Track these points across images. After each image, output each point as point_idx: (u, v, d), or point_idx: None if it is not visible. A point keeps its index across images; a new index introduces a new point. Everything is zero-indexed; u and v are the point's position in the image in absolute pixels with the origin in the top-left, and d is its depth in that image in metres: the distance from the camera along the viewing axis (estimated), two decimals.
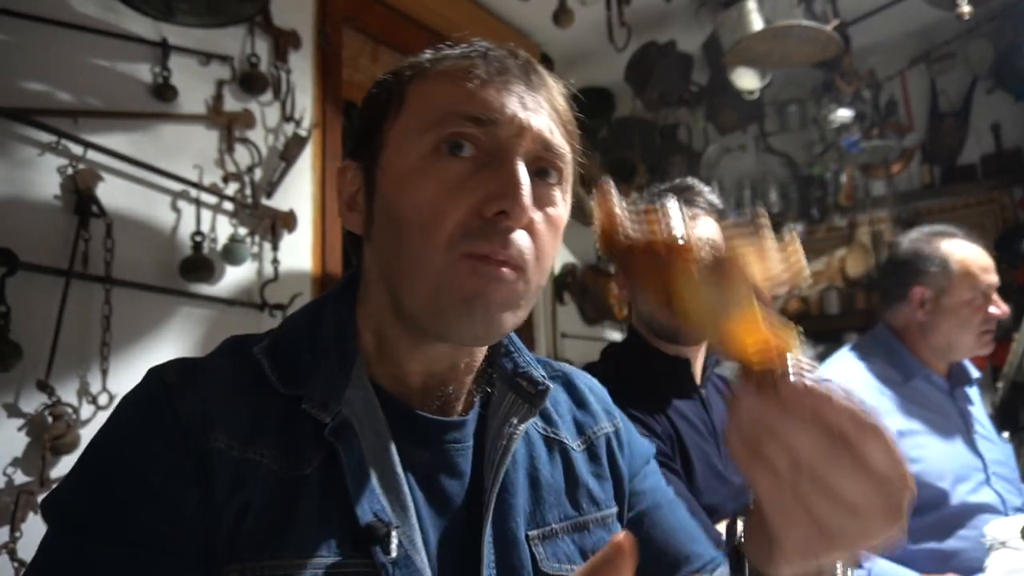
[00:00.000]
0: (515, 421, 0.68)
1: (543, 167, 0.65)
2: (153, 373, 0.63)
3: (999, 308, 1.66)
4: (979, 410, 1.76)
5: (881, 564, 1.56)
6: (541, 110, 0.65)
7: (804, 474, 0.42)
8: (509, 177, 0.60)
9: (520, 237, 0.61)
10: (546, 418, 0.75)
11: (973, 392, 1.79)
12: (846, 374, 1.74)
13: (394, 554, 0.57)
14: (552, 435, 0.75)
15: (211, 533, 0.56)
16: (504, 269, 0.60)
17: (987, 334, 1.67)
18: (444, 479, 0.66)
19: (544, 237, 0.64)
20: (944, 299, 1.70)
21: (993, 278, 1.68)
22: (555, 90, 0.69)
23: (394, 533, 0.58)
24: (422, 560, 0.60)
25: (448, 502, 0.65)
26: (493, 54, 0.66)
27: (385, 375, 0.68)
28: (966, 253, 1.71)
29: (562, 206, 0.67)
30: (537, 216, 0.63)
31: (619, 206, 0.51)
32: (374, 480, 0.61)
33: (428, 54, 0.69)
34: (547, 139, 0.64)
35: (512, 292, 0.62)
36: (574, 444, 0.76)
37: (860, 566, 0.51)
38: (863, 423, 0.42)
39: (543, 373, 0.74)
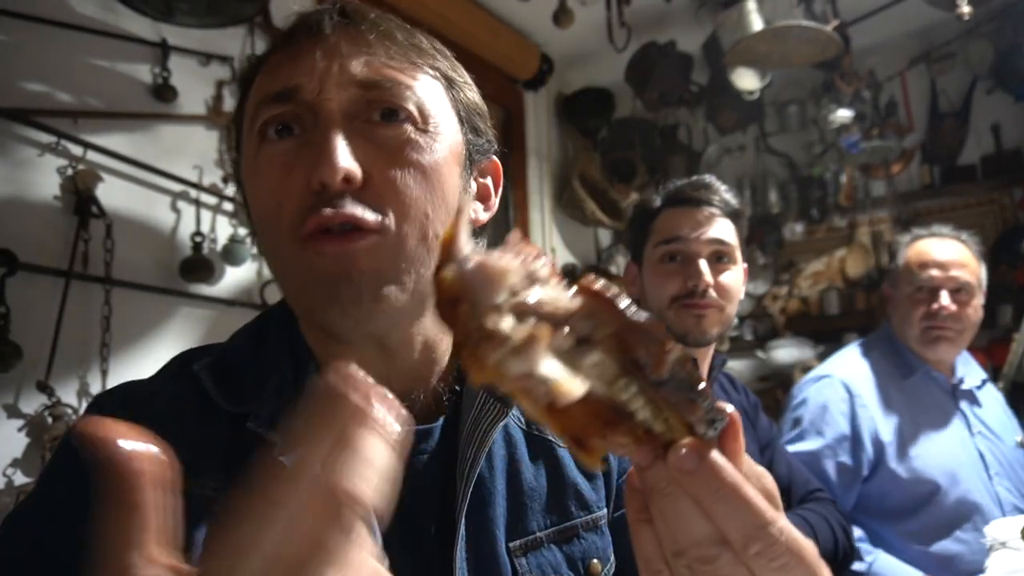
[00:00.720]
0: (485, 425, 0.62)
1: (384, 108, 0.58)
2: (95, 399, 0.61)
3: (938, 303, 1.64)
4: (990, 411, 1.74)
5: (883, 559, 1.56)
6: (357, 52, 0.58)
7: (683, 560, 0.36)
8: (319, 140, 0.55)
9: (358, 197, 0.55)
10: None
11: (985, 393, 1.77)
12: (848, 368, 1.75)
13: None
14: (536, 432, 0.69)
15: None
16: (354, 236, 0.54)
17: (931, 331, 1.66)
18: (410, 493, 0.60)
19: (398, 183, 0.56)
20: (894, 294, 1.76)
21: (934, 273, 1.66)
22: (386, 22, 0.62)
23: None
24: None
25: (415, 518, 0.60)
26: (305, 19, 0.61)
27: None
28: (916, 249, 1.73)
29: (426, 143, 0.59)
30: (379, 160, 0.56)
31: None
32: None
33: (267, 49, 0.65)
34: (369, 78, 0.57)
35: (377, 259, 0.55)
36: (561, 442, 0.68)
37: None
38: (756, 537, 0.35)
39: None
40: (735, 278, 1.29)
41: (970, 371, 1.80)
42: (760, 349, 3.55)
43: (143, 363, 1.66)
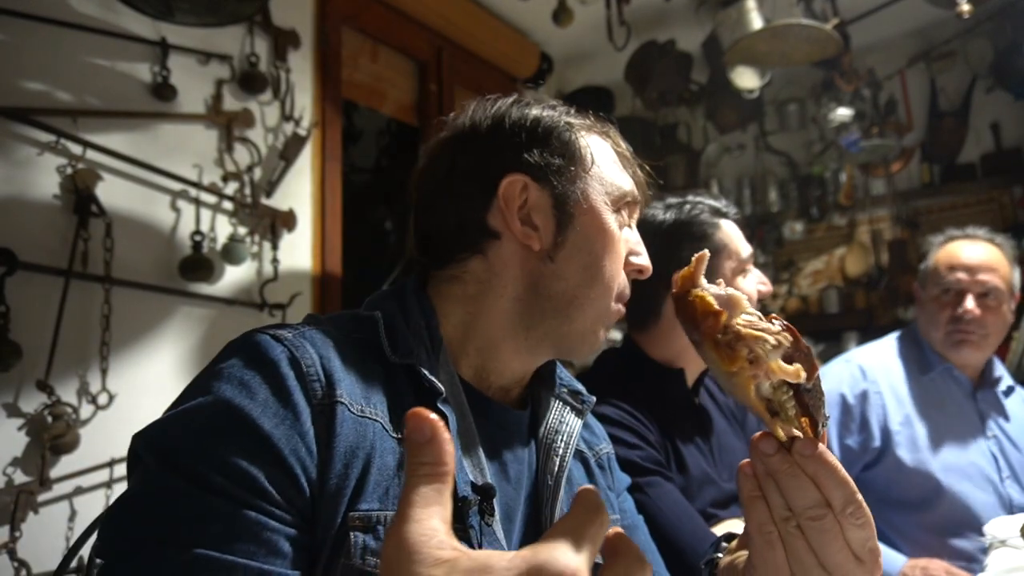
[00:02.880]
0: (567, 427, 0.79)
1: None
2: (257, 331, 0.64)
3: (962, 308, 1.63)
4: (1015, 417, 1.71)
5: None
6: None
7: (793, 522, 0.52)
8: (639, 242, 0.82)
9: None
10: None
11: (1014, 401, 1.74)
12: (870, 355, 1.78)
13: (483, 518, 0.64)
14: (579, 448, 0.83)
15: (327, 488, 0.58)
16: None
17: (955, 334, 1.65)
18: (509, 459, 0.74)
19: None
20: (922, 294, 1.75)
21: (961, 276, 1.64)
22: None
23: (494, 503, 0.66)
24: (501, 531, 0.67)
25: (510, 479, 0.73)
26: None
27: (466, 367, 0.75)
28: (947, 250, 1.71)
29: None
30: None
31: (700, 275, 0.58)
32: (459, 453, 0.67)
33: (596, 118, 0.88)
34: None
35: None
36: (590, 454, 0.86)
37: None
38: (850, 501, 0.52)
39: (581, 387, 0.85)
40: (749, 284, 1.39)
41: (1004, 376, 1.78)
42: None
43: (143, 362, 1.66)
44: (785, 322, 0.54)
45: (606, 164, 0.80)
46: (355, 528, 0.58)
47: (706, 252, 0.57)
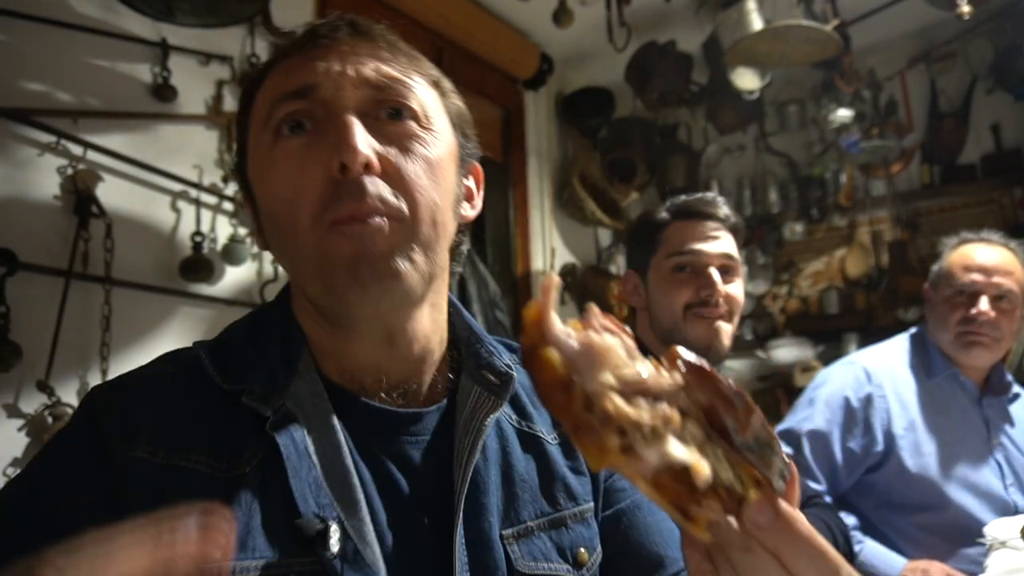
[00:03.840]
0: (481, 416, 0.66)
1: (392, 107, 0.63)
2: (92, 389, 0.64)
3: (976, 309, 1.61)
4: (1020, 424, 1.71)
5: (870, 547, 1.56)
6: (365, 56, 0.64)
7: None
8: (339, 128, 0.60)
9: (374, 183, 0.60)
10: (519, 410, 0.73)
11: (1019, 408, 1.73)
12: (875, 358, 1.77)
13: (335, 549, 0.55)
14: (527, 429, 0.72)
15: None
16: (372, 220, 0.59)
17: (967, 335, 1.63)
18: (399, 473, 0.64)
19: (409, 172, 0.62)
20: (933, 296, 1.74)
21: (977, 277, 1.63)
22: (385, 34, 0.67)
23: (333, 528, 0.56)
24: (374, 554, 0.58)
25: (404, 497, 0.63)
26: (313, 28, 0.66)
27: (334, 370, 0.66)
28: (961, 252, 1.70)
29: (430, 139, 0.64)
30: (390, 151, 0.62)
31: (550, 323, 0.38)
32: (320, 474, 0.59)
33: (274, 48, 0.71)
34: (379, 80, 0.63)
35: (392, 239, 0.60)
36: (549, 437, 0.73)
37: None
38: None
39: (507, 361, 0.70)
40: (739, 290, 1.35)
41: (1012, 384, 1.77)
42: (760, 349, 3.55)
43: (143, 362, 1.65)
44: (691, 361, 0.40)
45: (259, 98, 0.66)
46: None
47: (552, 279, 0.39)
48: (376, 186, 0.60)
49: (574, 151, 3.48)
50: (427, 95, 0.67)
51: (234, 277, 1.91)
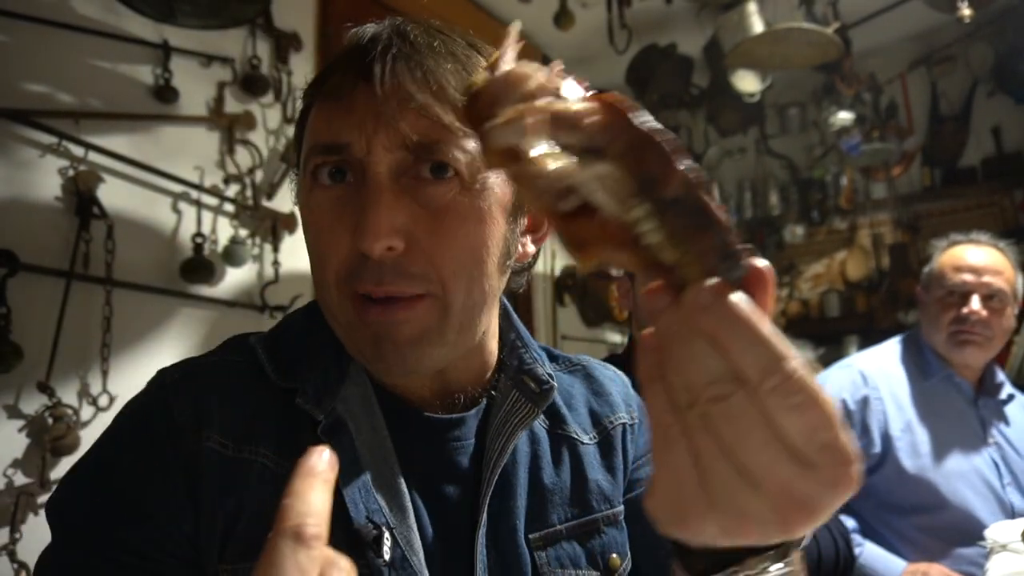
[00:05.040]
0: (515, 420, 0.65)
1: (434, 161, 0.57)
2: (158, 374, 0.63)
3: (968, 308, 1.62)
4: (1016, 424, 1.71)
5: (870, 550, 1.57)
6: (407, 103, 0.56)
7: (697, 409, 0.33)
8: (363, 204, 0.55)
9: (398, 266, 0.56)
10: (552, 415, 0.71)
11: (1014, 408, 1.73)
12: (871, 360, 1.77)
13: (387, 556, 0.56)
14: (560, 432, 0.71)
15: (201, 537, 0.55)
16: (394, 312, 0.56)
17: (959, 334, 1.64)
18: (443, 478, 0.64)
19: (443, 248, 0.57)
20: (925, 297, 1.75)
21: (967, 277, 1.64)
22: (441, 59, 0.59)
23: (386, 535, 0.57)
24: (419, 562, 0.58)
25: (447, 501, 0.63)
26: (367, 45, 0.59)
27: (385, 379, 0.66)
28: (951, 253, 1.71)
29: (472, 201, 0.58)
30: (421, 224, 0.56)
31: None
32: (370, 479, 0.59)
33: (322, 70, 0.64)
34: (416, 139, 0.55)
35: (420, 323, 0.57)
36: (585, 438, 0.72)
37: (787, 558, 0.38)
38: (773, 370, 0.31)
39: (549, 371, 0.69)
40: None
41: (1005, 384, 1.78)
42: None
43: (144, 364, 1.66)
44: (605, 96, 0.35)
45: (307, 130, 0.62)
46: None
47: (512, 32, 0.39)
48: (400, 269, 0.56)
49: None
50: (467, 140, 0.59)
51: (235, 279, 1.92)
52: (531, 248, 0.68)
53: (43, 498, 1.46)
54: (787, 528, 0.32)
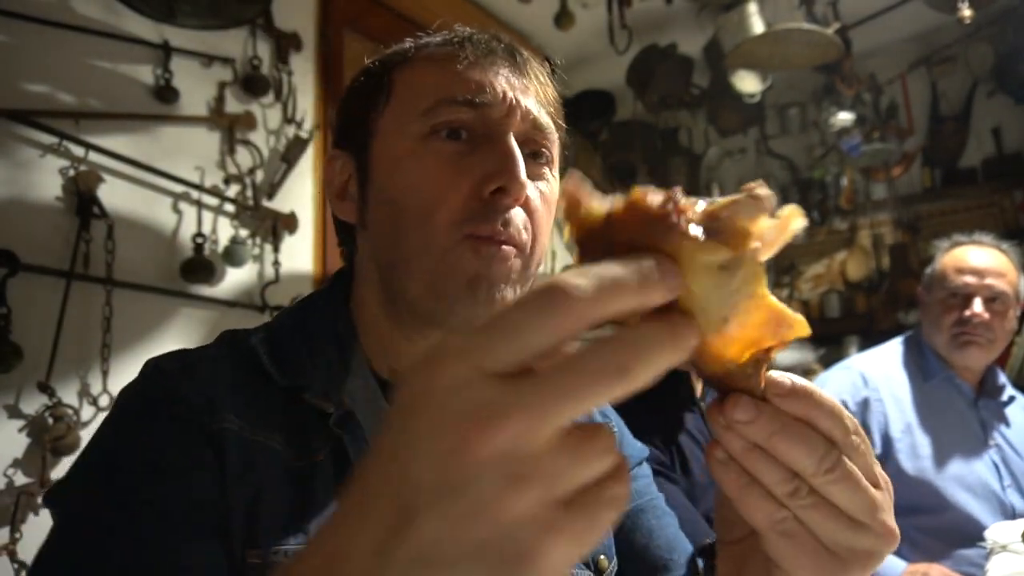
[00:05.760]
0: None
1: (533, 148, 0.65)
2: (151, 364, 0.62)
3: (970, 310, 1.62)
4: (1016, 425, 1.71)
5: None
6: (528, 90, 0.66)
7: (803, 490, 0.37)
8: (505, 155, 0.61)
9: (518, 215, 0.62)
10: None
11: (1015, 409, 1.73)
12: (871, 362, 1.77)
13: None
14: None
15: (226, 514, 0.55)
16: (505, 247, 0.61)
17: (961, 336, 1.64)
18: None
19: (540, 214, 0.65)
20: (926, 298, 1.74)
21: (970, 279, 1.64)
22: (540, 71, 0.69)
23: None
24: None
25: None
26: (478, 37, 0.67)
27: (386, 368, 0.67)
28: (953, 254, 1.71)
29: (553, 184, 0.68)
30: (533, 193, 0.64)
31: (586, 188, 0.36)
32: None
33: (410, 41, 0.70)
34: (536, 119, 0.65)
35: (512, 269, 0.62)
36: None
37: None
38: (849, 431, 0.39)
39: None
40: None
41: (1006, 386, 1.78)
42: None
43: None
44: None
45: (410, 83, 0.66)
46: (253, 569, 0.54)
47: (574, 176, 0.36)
48: (519, 218, 0.62)
49: (575, 153, 3.49)
50: (557, 140, 0.69)
51: (235, 279, 1.92)
52: None
53: (47, 490, 1.46)
54: (890, 536, 0.40)
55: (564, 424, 0.27)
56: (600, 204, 0.33)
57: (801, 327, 0.37)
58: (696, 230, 0.31)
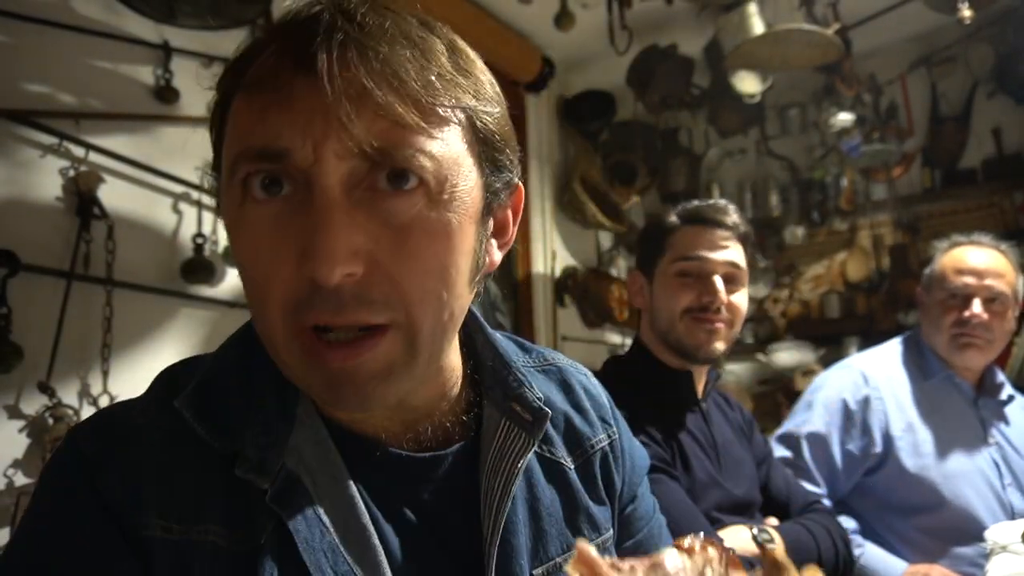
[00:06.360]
0: (512, 455, 0.60)
1: (391, 167, 0.48)
2: (69, 442, 0.54)
3: (969, 311, 1.62)
4: (1016, 425, 1.71)
5: (871, 551, 1.57)
6: (361, 101, 0.46)
7: None
8: (314, 226, 0.47)
9: (359, 290, 0.48)
10: (543, 436, 0.65)
11: (1015, 408, 1.74)
12: (871, 361, 1.78)
13: None
14: (549, 455, 0.66)
15: None
16: (362, 348, 0.49)
17: (960, 337, 1.64)
18: (419, 521, 0.57)
19: (406, 272, 0.49)
20: (926, 298, 1.75)
21: (969, 280, 1.64)
22: (396, 44, 0.49)
23: None
24: None
25: (427, 546, 0.57)
26: (305, 25, 0.49)
27: (339, 414, 0.58)
28: (953, 255, 1.71)
29: (440, 214, 0.50)
30: (383, 243, 0.48)
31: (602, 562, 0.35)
32: (335, 538, 0.52)
33: (245, 47, 0.54)
34: (372, 145, 0.47)
35: (385, 358, 0.50)
36: (569, 463, 0.67)
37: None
38: None
39: (539, 395, 0.64)
40: (743, 300, 1.34)
41: (1005, 384, 1.78)
42: (761, 352, 3.55)
43: (144, 364, 1.66)
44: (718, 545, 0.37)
45: (231, 124, 0.52)
46: None
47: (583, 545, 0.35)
48: (362, 295, 0.48)
49: (575, 154, 3.49)
50: (449, 140, 0.51)
51: (235, 279, 1.91)
52: (497, 256, 0.61)
53: None
54: None
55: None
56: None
57: None
58: None
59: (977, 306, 1.62)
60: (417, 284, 0.50)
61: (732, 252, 1.32)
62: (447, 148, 0.50)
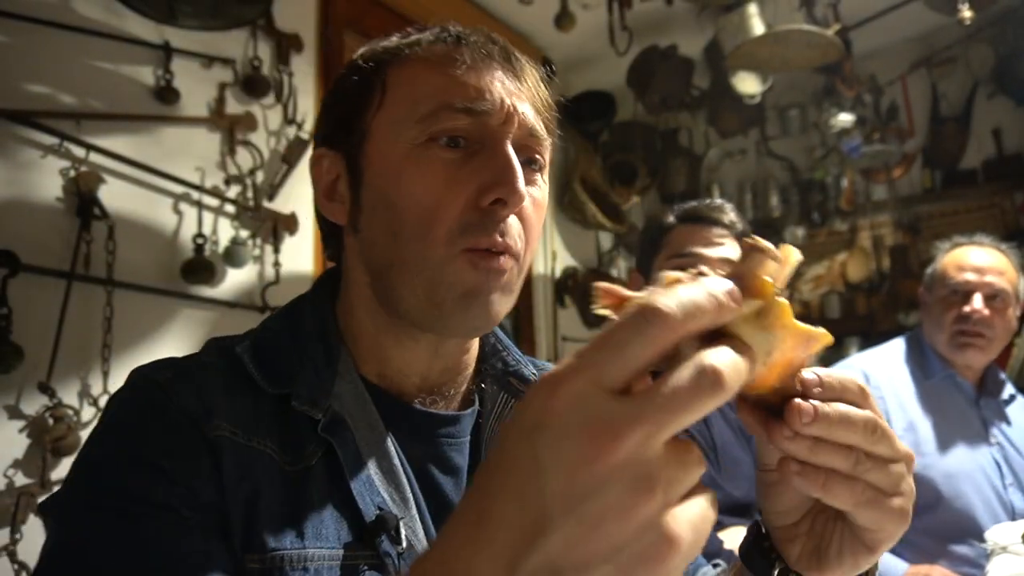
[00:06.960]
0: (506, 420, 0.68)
1: (528, 155, 0.65)
2: (139, 372, 0.61)
3: (970, 306, 1.63)
4: (1017, 424, 1.71)
5: None
6: (524, 96, 0.65)
7: (862, 458, 0.44)
8: (504, 165, 0.60)
9: (514, 224, 0.62)
10: None
11: (1016, 408, 1.74)
12: (872, 360, 1.79)
13: (405, 544, 0.58)
14: None
15: (226, 519, 0.55)
16: (502, 258, 0.61)
17: (961, 335, 1.65)
18: (439, 473, 0.66)
19: (532, 221, 0.65)
20: (927, 297, 1.75)
21: (970, 276, 1.65)
22: (535, 75, 0.68)
23: (402, 525, 0.59)
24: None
25: (444, 496, 0.65)
26: (474, 39, 0.65)
27: (373, 372, 0.67)
28: (954, 254, 1.73)
29: (544, 190, 0.68)
30: (526, 200, 0.63)
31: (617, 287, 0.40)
32: (372, 473, 0.61)
33: (398, 37, 0.68)
34: (531, 126, 0.64)
35: (507, 279, 0.63)
36: None
37: None
38: (866, 394, 0.46)
39: (533, 371, 0.73)
40: None
41: (1006, 384, 1.79)
42: None
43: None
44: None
45: (406, 84, 0.64)
46: (252, 573, 0.54)
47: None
48: (515, 227, 0.62)
49: (575, 154, 3.49)
50: (550, 146, 0.69)
51: (235, 279, 1.92)
52: None
53: (44, 498, 1.46)
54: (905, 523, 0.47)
55: (673, 435, 0.30)
56: (639, 294, 0.37)
57: (825, 337, 0.42)
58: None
59: (978, 301, 1.63)
60: (534, 233, 0.66)
61: (727, 249, 1.33)
62: (549, 149, 0.69)
